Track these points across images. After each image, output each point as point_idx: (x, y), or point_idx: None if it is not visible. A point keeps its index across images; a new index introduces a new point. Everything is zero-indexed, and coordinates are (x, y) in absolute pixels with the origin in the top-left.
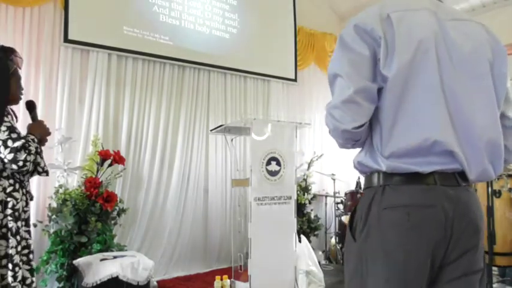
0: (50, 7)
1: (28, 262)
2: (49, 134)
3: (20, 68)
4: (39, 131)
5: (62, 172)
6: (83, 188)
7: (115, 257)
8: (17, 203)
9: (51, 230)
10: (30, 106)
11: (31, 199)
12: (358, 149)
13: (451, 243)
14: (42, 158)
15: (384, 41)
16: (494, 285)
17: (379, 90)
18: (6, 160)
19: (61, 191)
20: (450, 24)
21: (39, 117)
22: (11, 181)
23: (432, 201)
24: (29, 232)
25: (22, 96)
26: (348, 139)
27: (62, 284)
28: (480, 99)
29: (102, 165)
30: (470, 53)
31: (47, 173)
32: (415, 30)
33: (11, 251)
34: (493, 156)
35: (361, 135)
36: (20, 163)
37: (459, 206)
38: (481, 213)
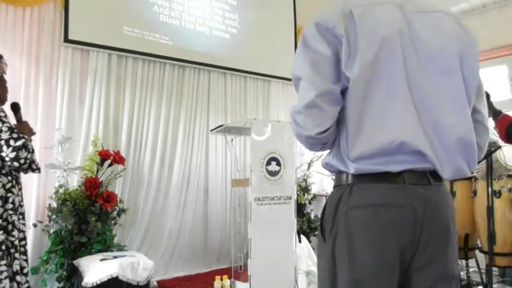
0: (50, 7)
1: (25, 253)
2: (34, 133)
3: (5, 74)
4: (26, 132)
5: (62, 172)
6: (83, 188)
7: (115, 257)
8: (15, 197)
9: (51, 230)
10: (15, 108)
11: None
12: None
13: (420, 245)
14: (35, 156)
15: (346, 39)
16: (494, 286)
17: (344, 91)
18: (8, 158)
19: (61, 191)
20: (417, 17)
21: (39, 117)
22: (9, 178)
23: (401, 201)
24: (24, 225)
25: (7, 97)
26: (313, 144)
27: (62, 284)
28: (449, 96)
29: (102, 165)
30: (437, 47)
31: (39, 170)
32: (379, 27)
33: (16, 242)
34: (465, 153)
35: (327, 139)
36: (22, 161)
37: (429, 206)
38: (452, 214)
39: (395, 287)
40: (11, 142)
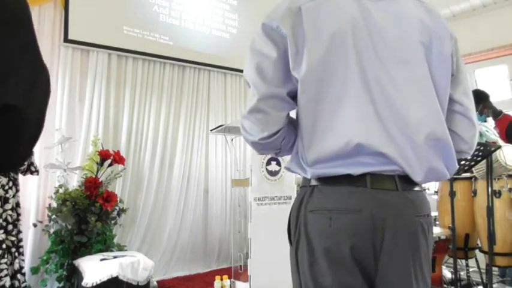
0: (50, 7)
1: (23, 253)
2: None
3: None
4: None
5: (62, 172)
6: (83, 188)
7: (115, 257)
8: (14, 199)
9: (51, 230)
10: None
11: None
12: None
13: (383, 256)
14: (33, 158)
15: (292, 38)
16: (494, 286)
17: (296, 93)
18: None
19: (61, 191)
20: (377, 5)
21: None
22: (7, 179)
23: (358, 205)
24: (21, 225)
25: None
26: (262, 149)
27: (62, 284)
28: (413, 89)
29: (102, 165)
30: (398, 37)
31: (37, 172)
32: (328, 21)
33: (15, 241)
34: (439, 151)
35: (278, 144)
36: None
37: (392, 213)
38: (423, 223)
39: None
40: None
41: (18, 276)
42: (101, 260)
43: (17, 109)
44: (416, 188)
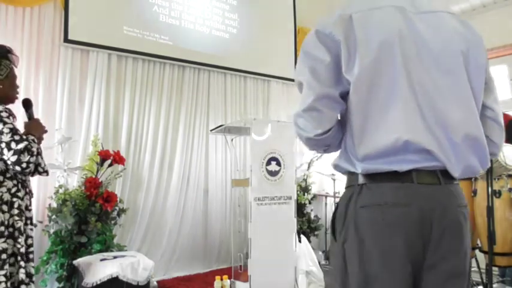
0: (50, 7)
1: (33, 260)
2: (46, 131)
3: (16, 67)
4: (37, 130)
5: (62, 172)
6: (83, 188)
7: (115, 257)
8: (22, 201)
9: (51, 230)
10: (27, 104)
11: (32, 196)
12: None
13: (431, 244)
14: (42, 158)
15: (345, 44)
16: (494, 285)
17: (348, 94)
18: (9, 162)
19: (61, 191)
20: (419, 17)
21: (39, 117)
22: (15, 181)
23: (407, 200)
24: (32, 230)
25: (18, 96)
26: (314, 146)
27: (62, 284)
28: (454, 94)
29: (102, 165)
30: (440, 47)
31: (47, 172)
32: (377, 30)
33: (22, 249)
34: (475, 150)
35: (328, 141)
36: (24, 165)
37: (438, 205)
38: (465, 213)
39: (406, 284)
40: (12, 145)
41: (23, 287)
42: (101, 260)
43: None
44: (455, 182)
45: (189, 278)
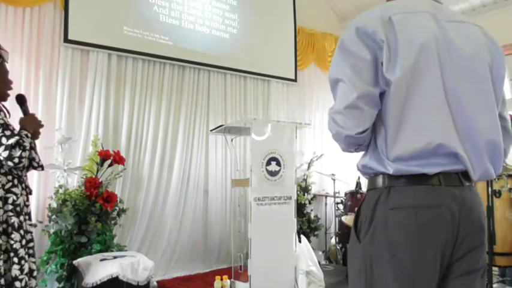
0: (50, 7)
1: (34, 255)
2: (42, 126)
3: (6, 62)
4: (32, 125)
5: (62, 172)
6: (83, 188)
7: (115, 257)
8: (17, 198)
9: (51, 230)
10: (21, 100)
11: (30, 193)
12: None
13: (458, 242)
14: (36, 153)
15: (387, 44)
16: (494, 285)
17: (382, 94)
18: (1, 157)
19: (61, 191)
20: (450, 26)
21: (39, 117)
22: (9, 177)
23: (438, 202)
24: (31, 225)
25: (10, 92)
26: (350, 144)
27: (62, 284)
28: (481, 101)
29: (102, 165)
30: (470, 55)
31: (42, 167)
32: (417, 33)
33: (16, 245)
34: (493, 156)
35: (364, 140)
36: (16, 160)
37: (464, 206)
38: (483, 212)
39: (435, 283)
40: (3, 140)
41: (17, 283)
42: (101, 260)
43: None
44: (473, 184)
45: (189, 278)
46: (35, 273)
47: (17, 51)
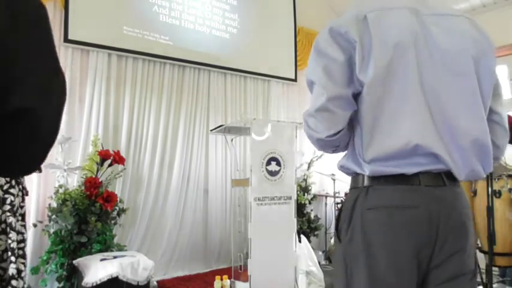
0: (50, 7)
1: (23, 256)
2: None
3: None
4: None
5: (62, 172)
6: (83, 188)
7: (115, 257)
8: (15, 198)
9: (51, 230)
10: None
11: (26, 194)
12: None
13: (438, 244)
14: None
15: (360, 44)
16: (494, 286)
17: (358, 94)
18: None
19: (61, 191)
20: (432, 20)
21: None
22: (8, 179)
23: (415, 202)
24: (24, 226)
25: None
26: (324, 146)
27: (62, 284)
28: (464, 98)
29: (102, 165)
30: (452, 50)
31: (40, 169)
32: (393, 31)
33: (13, 245)
34: (480, 155)
35: (339, 142)
36: None
37: (445, 207)
38: (468, 214)
39: (413, 285)
40: None
41: (14, 282)
42: (101, 260)
43: (34, 112)
44: (458, 184)
45: (189, 278)
46: (22, 274)
47: None
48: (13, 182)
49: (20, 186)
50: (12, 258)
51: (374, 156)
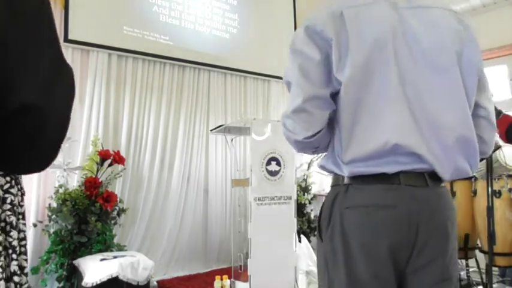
0: None
1: (25, 252)
2: None
3: None
4: None
5: (62, 172)
6: (82, 188)
7: (115, 257)
8: (14, 198)
9: (51, 230)
10: None
11: (23, 194)
12: None
13: (417, 247)
14: None
15: (336, 42)
16: (494, 286)
17: (337, 94)
18: None
19: (61, 191)
20: (413, 13)
21: None
22: (8, 179)
23: (394, 201)
24: (24, 225)
25: None
26: (303, 148)
27: (61, 284)
28: (447, 94)
29: (102, 165)
30: (433, 44)
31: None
32: (370, 27)
33: (14, 243)
34: (466, 152)
35: (318, 143)
36: None
37: (426, 208)
38: (451, 216)
39: (393, 286)
40: None
41: (16, 278)
42: (101, 260)
43: (38, 109)
44: (442, 184)
45: (189, 278)
46: (26, 270)
47: None
48: (13, 182)
49: (19, 186)
50: (14, 256)
51: (353, 157)
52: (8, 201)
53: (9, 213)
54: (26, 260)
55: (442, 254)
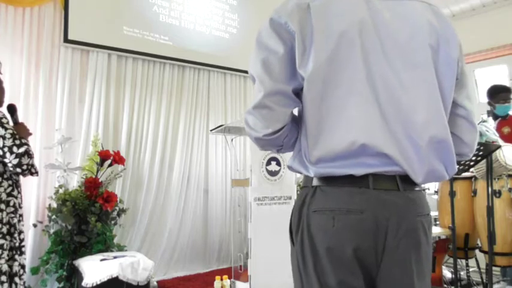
0: (50, 7)
1: (25, 252)
2: (30, 134)
3: (0, 73)
4: (24, 133)
5: (62, 172)
6: (82, 188)
7: (115, 257)
8: (16, 200)
9: (51, 230)
10: (12, 109)
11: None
12: None
13: (386, 255)
14: (33, 160)
15: (300, 36)
16: (494, 285)
17: (302, 90)
18: (10, 164)
19: (61, 191)
20: (386, 5)
21: (39, 117)
22: (10, 182)
23: (361, 206)
24: (23, 226)
25: (4, 99)
26: (265, 146)
27: (62, 284)
28: (419, 92)
29: (102, 165)
30: (407, 38)
31: (37, 173)
32: (337, 20)
33: (17, 244)
34: (440, 154)
35: (281, 141)
36: (24, 167)
37: (395, 214)
38: (423, 222)
39: None
40: (14, 149)
41: (16, 279)
42: (101, 260)
43: None
44: (417, 188)
45: (189, 278)
46: (25, 269)
47: (17, 51)
48: (14, 185)
49: (19, 189)
50: (16, 257)
51: (319, 157)
52: (11, 203)
53: (12, 215)
54: (25, 259)
55: (412, 262)
